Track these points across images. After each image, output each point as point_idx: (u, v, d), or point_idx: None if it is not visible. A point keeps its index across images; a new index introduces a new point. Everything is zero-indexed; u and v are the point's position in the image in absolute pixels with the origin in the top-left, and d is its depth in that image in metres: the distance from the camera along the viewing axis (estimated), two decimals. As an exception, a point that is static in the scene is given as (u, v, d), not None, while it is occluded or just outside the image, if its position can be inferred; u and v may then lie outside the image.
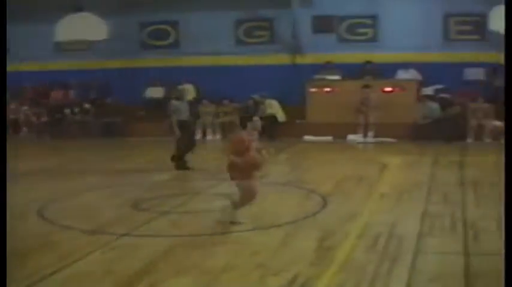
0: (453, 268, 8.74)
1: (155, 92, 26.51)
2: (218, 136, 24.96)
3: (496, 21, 21.61)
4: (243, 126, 11.19)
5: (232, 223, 11.08)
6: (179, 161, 17.25)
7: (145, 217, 11.89)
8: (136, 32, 27.16)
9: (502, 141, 22.04)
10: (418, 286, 8.19)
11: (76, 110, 26.93)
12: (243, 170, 10.97)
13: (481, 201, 13.03)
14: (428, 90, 23.95)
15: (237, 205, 11.29)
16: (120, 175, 16.82)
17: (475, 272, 8.54)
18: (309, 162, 19.72)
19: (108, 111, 26.41)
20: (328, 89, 23.93)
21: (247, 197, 11.22)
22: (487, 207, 12.49)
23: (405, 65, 24.09)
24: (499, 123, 22.50)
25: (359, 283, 8.23)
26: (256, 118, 11.48)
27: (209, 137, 25.00)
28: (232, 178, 11.28)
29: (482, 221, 11.30)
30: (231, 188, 14.38)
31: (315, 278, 8.40)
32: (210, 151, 18.74)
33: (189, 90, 25.73)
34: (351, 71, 24.44)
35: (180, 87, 18.47)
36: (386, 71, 24.30)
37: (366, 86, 23.11)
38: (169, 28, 27.02)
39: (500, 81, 23.34)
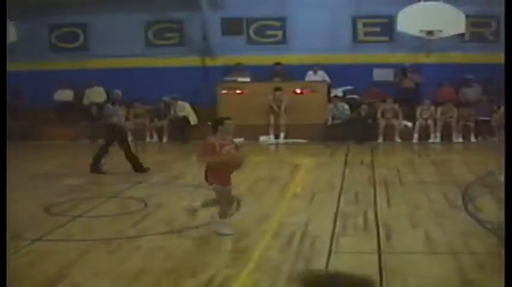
0: (367, 266, 8.87)
1: (64, 95, 26.16)
2: (129, 138, 24.71)
3: (404, 23, 22.07)
4: (214, 130, 10.63)
5: (219, 234, 10.53)
6: (96, 164, 17.02)
7: (58, 221, 11.72)
8: (46, 35, 26.74)
9: (412, 140, 22.54)
10: (333, 284, 8.28)
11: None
12: (221, 171, 10.49)
13: (393, 200, 13.27)
14: (338, 92, 24.24)
15: (222, 214, 10.68)
16: (31, 179, 16.50)
17: (388, 271, 8.69)
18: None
19: (17, 114, 25.92)
20: (238, 91, 23.97)
21: (226, 202, 10.74)
22: (398, 206, 12.74)
23: (314, 67, 24.33)
24: (408, 123, 22.96)
25: (274, 282, 8.30)
26: (228, 121, 10.77)
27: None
28: (210, 182, 10.63)
29: (394, 220, 11.52)
30: (145, 191, 14.38)
31: (231, 278, 8.44)
32: (122, 155, 18.51)
33: (100, 93, 25.49)
34: (260, 73, 24.55)
35: (116, 91, 18.14)
36: (295, 72, 24.49)
37: (278, 89, 23.23)
38: (78, 30, 26.65)
39: (408, 82, 23.85)
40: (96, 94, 25.55)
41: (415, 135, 22.75)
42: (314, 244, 9.98)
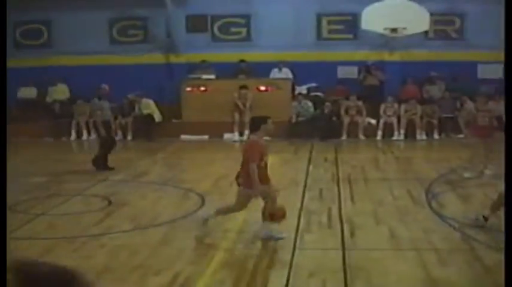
0: (332, 263, 8.93)
1: (28, 93, 25.95)
2: (93, 136, 24.58)
3: (368, 21, 22.16)
4: (256, 128, 10.25)
5: (276, 239, 10.01)
6: (101, 162, 16.88)
7: (21, 219, 11.63)
8: (10, 32, 26.50)
9: (376, 138, 22.65)
10: (298, 281, 8.33)
11: None
12: (260, 170, 10.04)
13: (357, 197, 13.34)
14: (302, 89, 24.28)
15: (273, 215, 10.05)
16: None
17: (353, 267, 8.74)
18: (186, 161, 19.69)
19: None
20: (203, 88, 23.92)
21: (272, 201, 10.29)
22: (362, 203, 12.81)
23: (279, 64, 24.36)
24: (372, 121, 23.07)
25: (239, 279, 8.31)
26: (270, 120, 10.40)
27: (84, 137, 24.55)
28: (248, 186, 10.04)
29: (358, 217, 11.59)
30: (109, 188, 14.31)
31: (195, 276, 8.43)
32: (87, 152, 18.44)
33: (63, 90, 25.32)
34: (225, 70, 24.53)
35: (103, 85, 17.95)
36: (260, 70, 24.49)
37: (244, 87, 23.21)
38: (42, 27, 26.44)
39: (372, 79, 23.96)
40: (59, 92, 25.38)
41: (379, 133, 22.85)
42: (278, 241, 9.99)
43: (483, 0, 23.77)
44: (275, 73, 24.59)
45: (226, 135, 23.50)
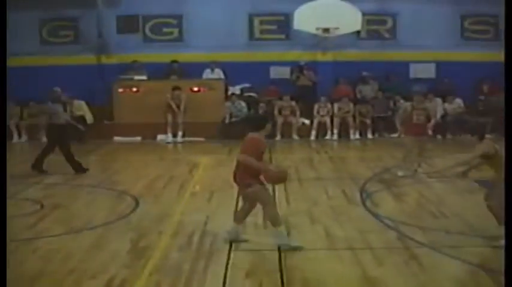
0: (268, 263, 8.89)
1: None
2: (24, 138, 24.20)
3: (300, 21, 22.20)
4: (260, 128, 9.94)
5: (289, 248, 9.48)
6: (39, 164, 16.58)
7: None
8: None
9: (310, 138, 22.73)
10: (235, 282, 8.26)
11: None
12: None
13: (292, 197, 13.32)
14: (235, 89, 24.24)
15: (274, 221, 9.66)
16: None
17: (289, 267, 8.70)
18: (119, 163, 19.45)
19: None
20: (135, 89, 23.71)
21: (271, 203, 10.02)
22: (297, 203, 12.80)
23: (211, 65, 24.28)
24: (306, 121, 23.13)
25: (175, 281, 8.21)
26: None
27: (15, 139, 24.13)
28: (246, 183, 9.86)
29: (294, 217, 11.56)
30: (41, 191, 14.03)
31: (131, 279, 8.30)
32: (18, 154, 18.11)
33: None
34: (157, 71, 24.37)
35: (55, 88, 17.51)
36: (192, 70, 24.39)
37: (177, 88, 23.05)
38: (-31, 28, 25.94)
39: (305, 80, 24.03)
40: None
41: (313, 133, 22.94)
42: (214, 242, 9.92)
43: (415, 0, 24.07)
44: (208, 74, 24.50)
45: (160, 137, 23.32)
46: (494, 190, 9.82)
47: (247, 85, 24.47)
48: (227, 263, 8.89)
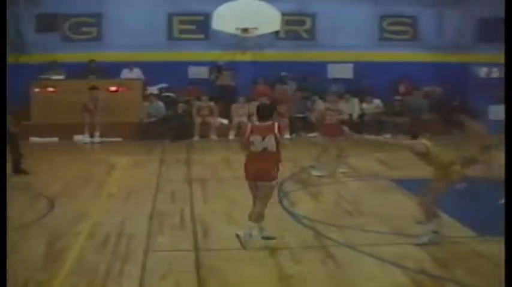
0: (184, 264, 8.84)
1: None
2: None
3: (219, 21, 22.13)
4: (269, 116, 9.78)
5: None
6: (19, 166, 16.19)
7: None
8: None
9: (229, 137, 22.69)
10: (150, 283, 8.21)
11: None
12: None
13: (209, 197, 13.30)
14: (154, 89, 24.05)
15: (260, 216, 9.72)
16: None
17: (206, 267, 8.68)
18: (35, 164, 19.09)
19: None
20: (52, 89, 23.31)
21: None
22: (215, 203, 12.78)
23: (129, 64, 24.04)
24: (224, 121, 23.10)
25: (91, 283, 8.11)
26: None
27: None
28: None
29: (211, 217, 11.54)
30: None
31: (46, 282, 8.16)
32: None
33: None
34: (75, 71, 24.01)
35: None
36: (110, 70, 24.08)
37: (94, 88, 22.72)
38: None
39: (223, 80, 24.00)
40: None
41: (231, 133, 22.91)
42: (130, 244, 9.83)
43: (334, 1, 24.27)
44: (126, 73, 24.26)
45: (77, 137, 22.98)
46: (429, 187, 10.02)
47: (165, 85, 24.29)
48: (143, 264, 8.82)
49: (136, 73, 24.19)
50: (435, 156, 9.89)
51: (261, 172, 9.53)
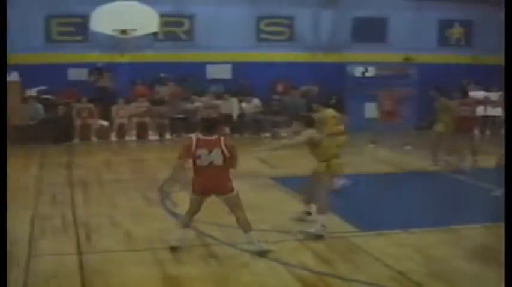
0: (68, 267, 8.83)
1: None
2: None
3: (98, 22, 21.94)
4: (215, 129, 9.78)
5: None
6: None
7: None
8: None
9: (109, 139, 22.54)
10: (35, 287, 8.19)
11: None
12: None
13: (91, 200, 13.27)
14: (32, 92, 23.62)
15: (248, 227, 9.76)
16: None
17: (90, 270, 8.71)
18: None
19: None
20: None
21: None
22: (96, 205, 12.76)
23: (8, 68, 23.48)
24: (104, 123, 22.93)
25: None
26: None
27: None
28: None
29: (94, 219, 11.54)
30: None
31: None
32: None
33: None
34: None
35: None
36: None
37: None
38: None
39: (103, 81, 23.83)
40: None
41: (112, 134, 22.80)
42: (12, 249, 9.71)
43: (211, 2, 24.43)
44: (2, 76, 23.74)
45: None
46: (317, 181, 10.32)
47: (44, 88, 23.88)
48: (26, 270, 8.77)
49: (15, 76, 23.70)
50: (325, 146, 10.25)
51: (213, 186, 9.57)
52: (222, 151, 9.41)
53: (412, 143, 20.71)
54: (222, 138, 9.55)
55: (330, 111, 14.40)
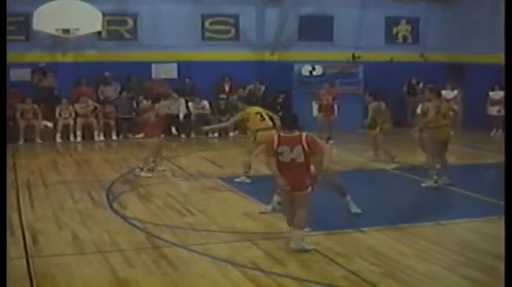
0: (16, 271, 8.64)
1: None
2: None
3: (40, 21, 21.65)
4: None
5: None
6: None
7: None
8: None
9: (55, 141, 22.23)
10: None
11: None
12: None
13: (37, 203, 13.06)
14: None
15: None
16: None
17: (38, 274, 8.56)
18: None
19: None
20: None
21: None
22: (42, 208, 12.57)
23: None
24: (49, 123, 22.61)
25: None
26: None
27: None
28: None
29: (40, 223, 11.38)
30: None
31: None
32: None
33: None
34: None
35: None
36: None
37: None
38: None
39: (46, 81, 23.51)
40: None
41: (58, 135, 22.50)
42: None
43: (155, 1, 24.27)
44: None
45: None
46: None
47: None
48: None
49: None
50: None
51: (294, 182, 9.47)
52: (303, 148, 9.43)
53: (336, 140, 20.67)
54: (303, 135, 9.55)
55: (254, 109, 15.06)
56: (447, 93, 23.21)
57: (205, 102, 24.08)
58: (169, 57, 24.77)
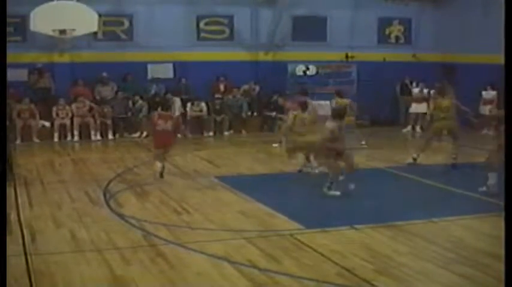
0: (15, 269, 8.74)
1: None
2: None
3: (37, 22, 21.70)
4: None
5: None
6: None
7: None
8: None
9: (52, 140, 22.29)
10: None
11: None
12: None
13: (34, 201, 13.15)
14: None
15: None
16: None
17: (37, 272, 8.66)
18: None
19: None
20: None
21: None
22: (40, 207, 12.66)
23: None
24: (46, 123, 22.67)
25: None
26: None
27: None
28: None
29: (38, 221, 11.47)
30: None
31: None
32: None
33: None
34: None
35: None
36: None
37: None
38: None
39: (43, 82, 23.58)
40: None
41: (55, 135, 22.58)
42: None
43: (150, 2, 24.34)
44: None
45: None
46: None
47: (-18, 89, 23.52)
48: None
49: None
50: None
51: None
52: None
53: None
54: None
55: None
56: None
57: (203, 104, 24.15)
58: (164, 58, 24.86)
